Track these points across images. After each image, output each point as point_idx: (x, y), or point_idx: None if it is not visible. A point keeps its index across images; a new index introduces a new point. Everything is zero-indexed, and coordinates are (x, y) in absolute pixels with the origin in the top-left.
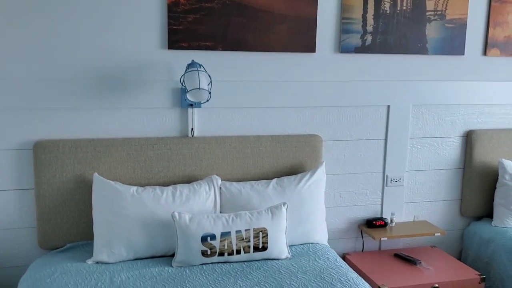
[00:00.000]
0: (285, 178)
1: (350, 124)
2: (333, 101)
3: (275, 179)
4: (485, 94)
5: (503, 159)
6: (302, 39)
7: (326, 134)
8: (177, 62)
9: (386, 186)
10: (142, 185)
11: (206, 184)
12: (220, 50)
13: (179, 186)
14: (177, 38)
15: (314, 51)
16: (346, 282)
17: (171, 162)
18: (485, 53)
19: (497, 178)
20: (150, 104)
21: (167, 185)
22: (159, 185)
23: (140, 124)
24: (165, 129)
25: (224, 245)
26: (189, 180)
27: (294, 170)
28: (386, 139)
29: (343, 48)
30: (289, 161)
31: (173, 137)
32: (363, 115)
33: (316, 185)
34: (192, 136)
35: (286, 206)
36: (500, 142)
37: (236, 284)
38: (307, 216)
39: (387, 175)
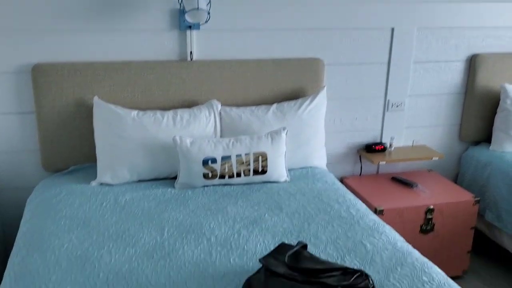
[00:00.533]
0: (285, 103)
1: (352, 48)
2: (335, 23)
3: (275, 104)
4: (492, 16)
5: (505, 84)
6: None
7: (328, 58)
8: None
9: (387, 111)
10: (143, 109)
11: (206, 109)
12: None
13: (179, 111)
14: None
15: None
16: (343, 202)
17: (171, 86)
18: None
19: (498, 103)
20: (149, 25)
21: (167, 110)
22: (159, 109)
23: (139, 46)
24: (164, 52)
25: (225, 168)
26: (189, 104)
27: (295, 95)
28: (389, 63)
29: None
30: (290, 85)
31: (172, 60)
32: (366, 38)
33: (316, 110)
34: (191, 59)
35: (285, 131)
36: (504, 67)
37: (237, 204)
38: (306, 140)
39: (388, 100)
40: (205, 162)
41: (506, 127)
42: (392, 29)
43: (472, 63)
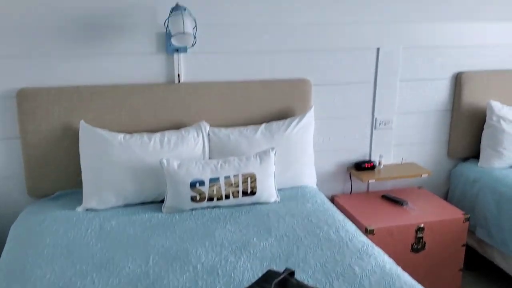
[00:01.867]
0: (274, 123)
1: (339, 68)
2: (322, 44)
3: (264, 124)
4: (475, 35)
5: (491, 101)
6: None
7: (315, 78)
8: (161, 5)
9: (375, 129)
10: (130, 132)
11: (194, 131)
12: None
13: (167, 133)
14: None
15: None
16: (333, 223)
17: (158, 109)
18: None
19: (485, 120)
20: (135, 49)
21: (155, 132)
22: (146, 132)
23: (126, 70)
24: (151, 75)
25: (213, 191)
26: (177, 126)
27: (283, 115)
28: (375, 82)
29: None
30: (278, 106)
31: (160, 83)
32: (353, 58)
33: (304, 130)
34: (179, 82)
35: (274, 151)
36: (489, 84)
37: (225, 228)
38: (295, 160)
39: (376, 118)
40: (192, 185)
41: (493, 143)
42: (378, 49)
43: (458, 81)
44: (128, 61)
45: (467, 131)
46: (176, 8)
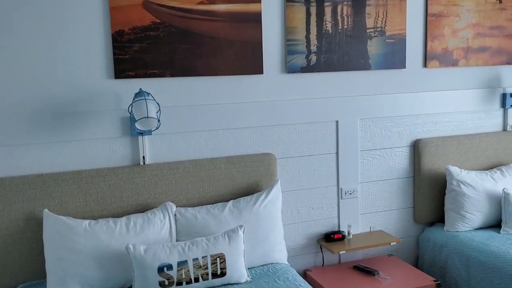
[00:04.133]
0: (241, 199)
1: (302, 141)
2: (284, 119)
3: (231, 201)
4: (428, 104)
5: (449, 166)
6: (250, 62)
7: (280, 152)
8: (125, 91)
9: (341, 199)
10: (95, 218)
11: (160, 212)
12: (168, 77)
13: (132, 217)
14: (123, 68)
15: (262, 73)
16: None
17: (124, 192)
18: (425, 65)
19: (446, 185)
20: (100, 134)
21: (121, 216)
22: (112, 217)
23: (90, 155)
24: (116, 159)
25: (182, 274)
26: (143, 208)
27: (250, 190)
28: (337, 153)
29: (289, 68)
30: (244, 181)
31: (125, 166)
32: (314, 131)
33: (272, 204)
34: (144, 164)
35: (243, 229)
36: (445, 149)
37: None
38: (265, 236)
39: (341, 188)
40: (160, 270)
41: (456, 207)
42: (337, 122)
43: (416, 148)
44: (92, 146)
45: (430, 196)
46: (140, 94)
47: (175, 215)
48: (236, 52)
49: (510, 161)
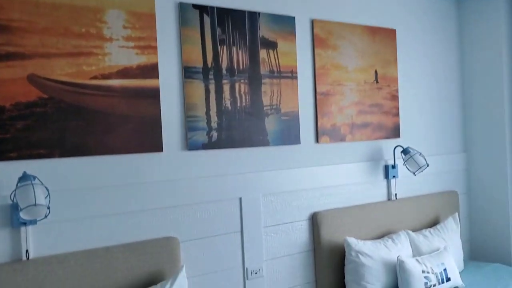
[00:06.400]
0: None
1: (205, 221)
2: (185, 199)
3: None
4: (322, 177)
5: (347, 237)
6: (148, 139)
7: (182, 234)
8: (4, 176)
9: (247, 279)
10: None
11: None
12: (57, 157)
13: None
14: (4, 148)
15: (162, 150)
16: None
17: None
18: (317, 140)
19: (345, 256)
20: None
21: None
22: None
23: None
24: None
25: None
26: None
27: (153, 280)
28: (241, 231)
29: (190, 145)
30: (146, 270)
31: (3, 263)
32: (217, 210)
33: None
34: (28, 258)
35: None
36: (342, 221)
37: None
38: None
39: (247, 267)
40: None
41: (357, 277)
42: (240, 199)
43: (314, 221)
44: None
45: (331, 269)
46: (25, 178)
47: None
48: (133, 128)
49: (397, 228)
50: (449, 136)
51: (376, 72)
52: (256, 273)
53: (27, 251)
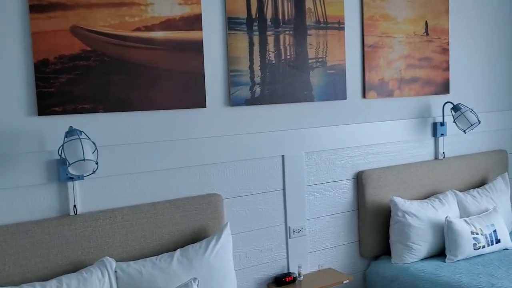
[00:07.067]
0: (190, 247)
1: (248, 178)
2: (228, 156)
3: (179, 250)
4: (368, 135)
5: (393, 197)
6: (191, 95)
7: (225, 192)
8: (50, 130)
9: (289, 238)
10: (17, 284)
11: (98, 270)
12: (101, 112)
13: (64, 278)
14: (48, 103)
15: (205, 106)
16: None
17: (52, 249)
18: (364, 96)
19: (390, 216)
20: (19, 182)
21: (50, 279)
22: (38, 281)
23: (8, 208)
24: (40, 210)
25: None
26: (75, 268)
27: (197, 236)
28: (284, 189)
29: (233, 101)
30: (190, 226)
31: (52, 218)
32: (259, 168)
33: (224, 250)
34: (76, 213)
35: (197, 282)
36: (388, 180)
37: None
38: (219, 287)
39: (289, 226)
40: None
41: (403, 238)
42: (283, 156)
43: (359, 180)
44: (11, 197)
45: (375, 229)
46: (71, 132)
47: (115, 271)
48: (177, 84)
49: (444, 188)
50: (499, 92)
51: (426, 23)
52: (298, 231)
53: (74, 206)
